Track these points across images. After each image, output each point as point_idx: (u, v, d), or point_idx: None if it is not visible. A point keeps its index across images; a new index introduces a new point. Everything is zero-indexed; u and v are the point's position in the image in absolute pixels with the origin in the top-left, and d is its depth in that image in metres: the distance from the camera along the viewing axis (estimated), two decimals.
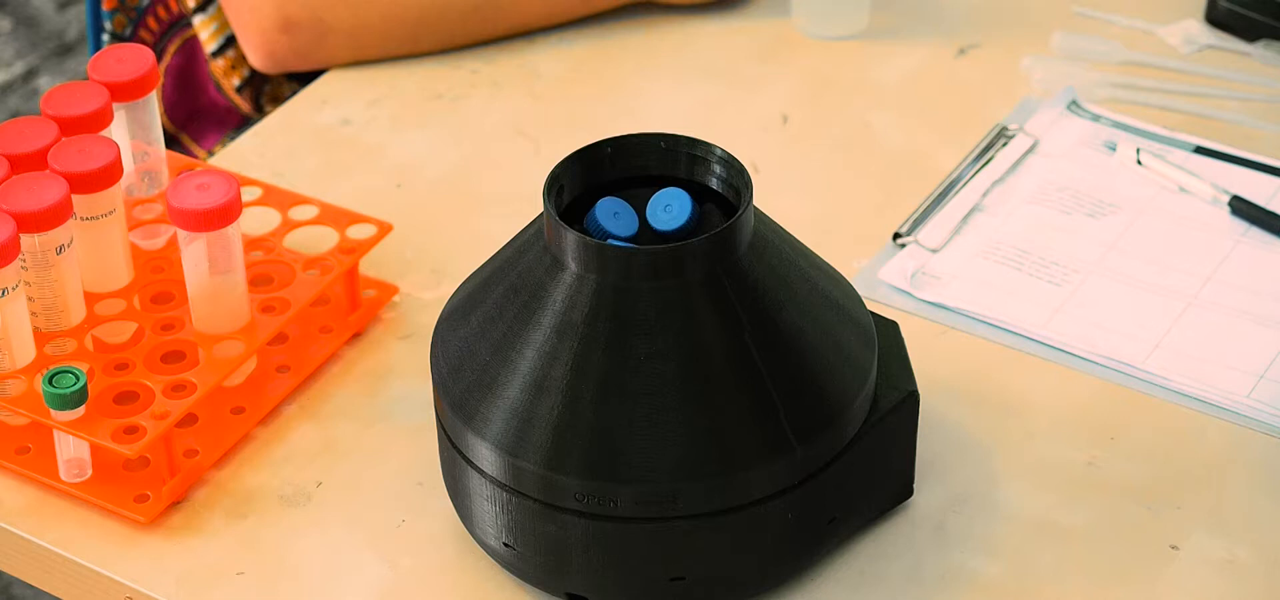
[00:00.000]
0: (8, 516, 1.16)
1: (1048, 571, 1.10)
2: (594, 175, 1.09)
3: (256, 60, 1.52)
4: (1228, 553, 1.11)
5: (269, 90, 1.62)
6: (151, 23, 1.64)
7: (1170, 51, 1.51)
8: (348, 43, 1.51)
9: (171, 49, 1.63)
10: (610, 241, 1.06)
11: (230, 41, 1.60)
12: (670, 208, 1.07)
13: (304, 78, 1.56)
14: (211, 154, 1.64)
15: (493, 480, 1.05)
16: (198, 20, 1.59)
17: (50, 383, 1.13)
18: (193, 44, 1.63)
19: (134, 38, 1.65)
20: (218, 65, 1.60)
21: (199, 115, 1.65)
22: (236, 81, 1.60)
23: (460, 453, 1.07)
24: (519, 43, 1.54)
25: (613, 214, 1.07)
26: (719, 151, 1.09)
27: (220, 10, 1.59)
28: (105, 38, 1.67)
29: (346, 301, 1.27)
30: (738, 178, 1.08)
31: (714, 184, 1.09)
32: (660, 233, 1.07)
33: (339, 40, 1.50)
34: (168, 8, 1.63)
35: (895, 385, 1.10)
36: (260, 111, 1.62)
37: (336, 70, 1.52)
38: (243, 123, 1.64)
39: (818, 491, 1.05)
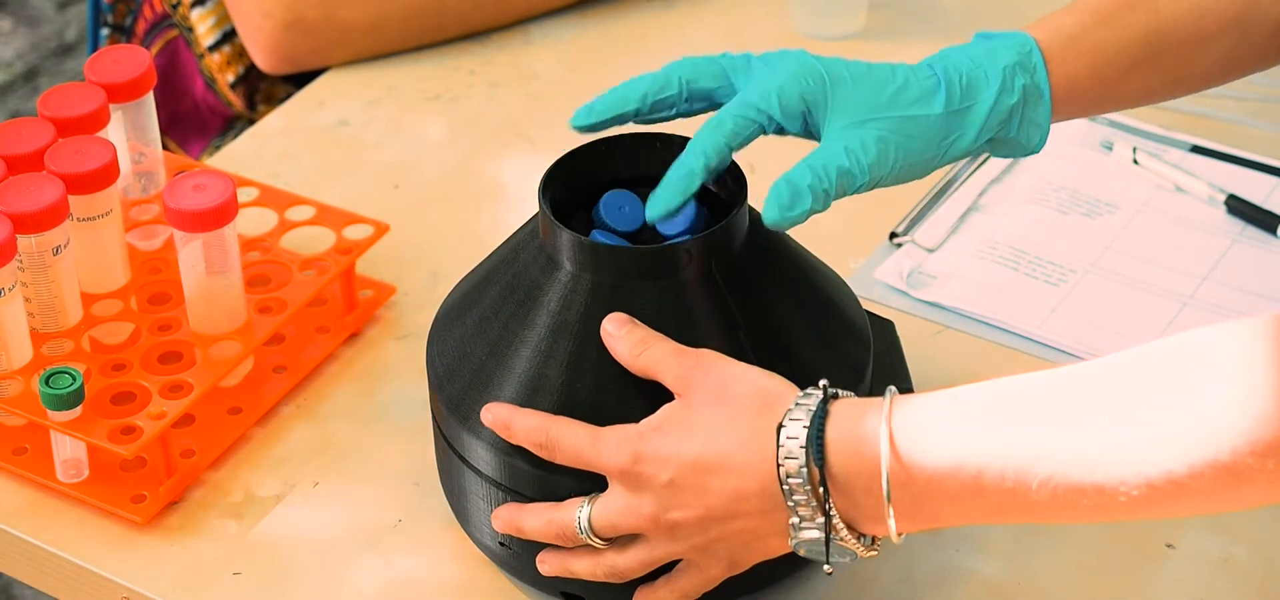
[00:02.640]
0: (5, 517, 1.16)
1: (1042, 570, 1.10)
2: (590, 175, 1.09)
3: (262, 60, 1.52)
4: (1223, 551, 1.11)
5: (263, 88, 1.62)
6: (147, 11, 1.64)
7: None
8: (364, 39, 1.51)
9: (154, 49, 1.63)
10: (611, 236, 1.06)
11: (227, 37, 1.60)
12: (675, 212, 1.07)
13: (299, 78, 1.56)
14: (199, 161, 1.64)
15: (489, 480, 1.05)
16: (196, 13, 1.59)
17: (47, 383, 1.13)
18: (176, 45, 1.63)
19: (134, 27, 1.65)
20: (213, 60, 1.60)
21: (181, 119, 1.65)
22: (231, 78, 1.60)
23: (456, 452, 1.07)
24: (516, 43, 1.54)
25: (619, 208, 1.08)
26: None
27: (220, 3, 1.59)
28: (105, 32, 1.67)
29: (343, 302, 1.27)
30: (733, 177, 1.08)
31: (710, 184, 1.09)
32: (664, 237, 1.07)
33: (355, 36, 1.51)
34: (153, 7, 1.63)
35: (891, 384, 1.10)
36: (253, 109, 1.62)
37: (334, 71, 1.52)
38: (225, 128, 1.64)
39: None
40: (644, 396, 1.02)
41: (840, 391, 0.97)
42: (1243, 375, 0.84)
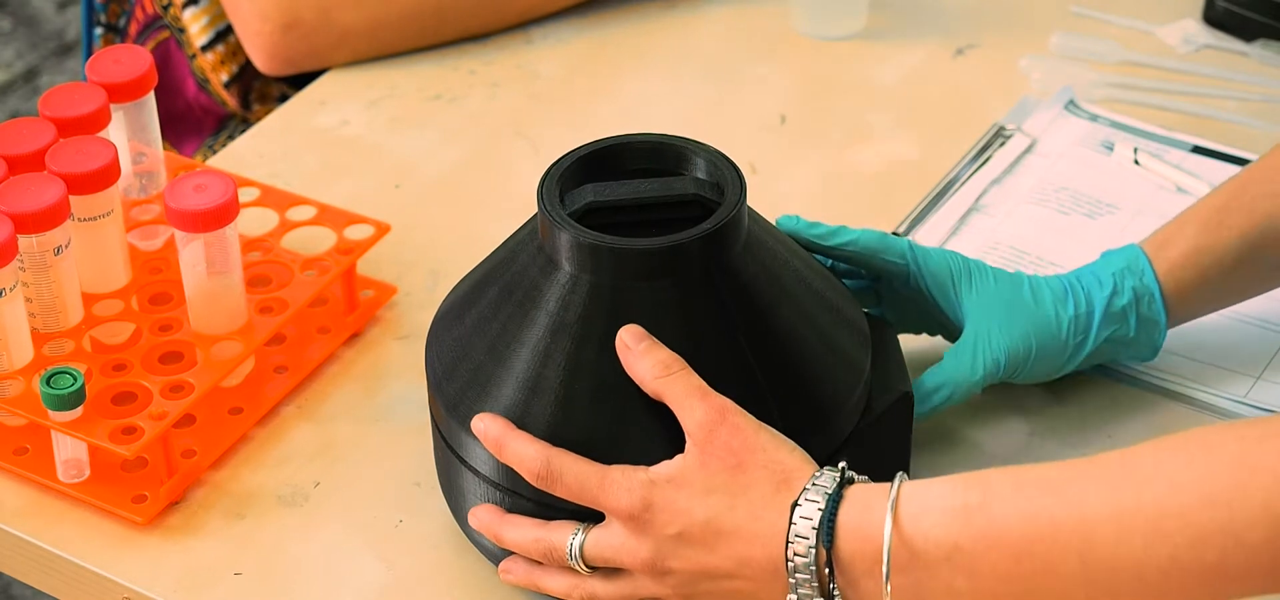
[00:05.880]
0: (6, 517, 1.16)
1: None
2: (589, 175, 1.09)
3: (260, 62, 1.52)
4: None
5: (258, 87, 1.62)
6: (139, 12, 1.64)
7: (1168, 51, 1.51)
8: (362, 41, 1.51)
9: (147, 49, 1.63)
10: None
11: (220, 36, 1.60)
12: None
13: (295, 78, 1.56)
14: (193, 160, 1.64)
15: (487, 481, 1.05)
16: (188, 14, 1.59)
17: (48, 383, 1.13)
18: (168, 45, 1.63)
19: (127, 27, 1.65)
20: (206, 60, 1.60)
21: (175, 119, 1.65)
22: (225, 77, 1.60)
23: (455, 453, 1.07)
24: (517, 44, 1.54)
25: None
26: (713, 152, 1.09)
27: (212, 3, 1.59)
28: (98, 31, 1.67)
29: (344, 302, 1.27)
30: (733, 177, 1.08)
31: (708, 186, 1.09)
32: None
33: (353, 38, 1.51)
34: (144, 8, 1.64)
35: (889, 385, 1.10)
36: (247, 108, 1.62)
37: (335, 71, 1.52)
38: (219, 127, 1.64)
39: None
40: (643, 404, 1.02)
41: (856, 475, 0.99)
42: (1237, 483, 0.89)
